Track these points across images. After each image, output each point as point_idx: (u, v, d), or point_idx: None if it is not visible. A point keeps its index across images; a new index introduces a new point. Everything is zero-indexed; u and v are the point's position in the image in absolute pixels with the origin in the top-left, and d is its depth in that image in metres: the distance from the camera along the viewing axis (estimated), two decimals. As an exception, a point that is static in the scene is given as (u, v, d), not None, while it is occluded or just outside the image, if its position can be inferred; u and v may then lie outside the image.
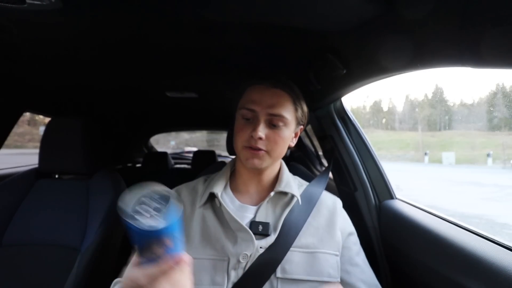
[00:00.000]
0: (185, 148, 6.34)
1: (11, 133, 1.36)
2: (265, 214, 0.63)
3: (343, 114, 1.09)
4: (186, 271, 0.38)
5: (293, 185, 0.67)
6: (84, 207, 1.03)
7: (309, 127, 1.43)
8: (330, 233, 0.63)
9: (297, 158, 1.79)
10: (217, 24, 0.67)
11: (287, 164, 0.75)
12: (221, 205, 0.61)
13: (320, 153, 1.60)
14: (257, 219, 0.61)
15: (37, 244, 0.97)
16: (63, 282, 0.90)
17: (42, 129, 1.14)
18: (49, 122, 1.09)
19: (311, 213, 0.65)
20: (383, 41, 0.59)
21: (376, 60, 0.65)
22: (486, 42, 0.39)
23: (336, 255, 0.61)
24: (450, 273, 0.61)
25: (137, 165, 2.63)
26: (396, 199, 0.97)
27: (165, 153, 2.38)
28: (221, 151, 3.19)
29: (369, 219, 0.96)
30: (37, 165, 1.09)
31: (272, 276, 0.57)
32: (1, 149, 1.32)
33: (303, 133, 1.71)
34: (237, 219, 0.59)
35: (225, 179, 0.67)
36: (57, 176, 1.14)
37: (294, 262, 0.58)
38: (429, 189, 7.53)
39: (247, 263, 0.57)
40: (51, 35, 0.74)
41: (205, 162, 2.20)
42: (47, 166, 1.08)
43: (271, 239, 0.59)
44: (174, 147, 7.11)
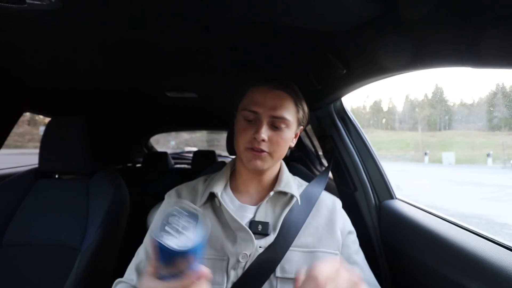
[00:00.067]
0: (185, 148, 6.34)
1: (11, 133, 1.36)
2: (265, 213, 0.63)
3: (343, 114, 1.09)
4: (205, 285, 0.39)
5: (293, 185, 0.67)
6: (84, 207, 1.03)
7: (309, 127, 1.43)
8: (329, 232, 0.63)
9: (297, 158, 1.79)
10: (217, 24, 0.67)
11: (287, 164, 0.75)
12: (221, 204, 0.61)
13: (320, 153, 1.60)
14: (257, 219, 0.61)
15: (37, 244, 0.97)
16: (63, 282, 0.90)
17: (42, 129, 1.14)
18: (49, 122, 1.09)
19: (310, 212, 0.65)
20: (383, 41, 0.59)
21: (376, 60, 0.65)
22: (486, 42, 0.39)
23: (335, 254, 0.61)
24: (450, 273, 0.61)
25: (137, 165, 2.62)
26: (396, 199, 0.97)
27: (165, 153, 2.38)
28: (221, 151, 3.19)
29: (369, 219, 0.96)
30: (37, 165, 1.09)
31: (271, 275, 0.57)
32: (1, 149, 1.32)
33: (303, 133, 1.71)
34: (236, 218, 0.59)
35: (225, 179, 0.68)
36: (57, 176, 1.14)
37: (293, 261, 0.58)
38: (429, 189, 7.54)
39: (246, 263, 0.57)
40: (51, 35, 0.74)
41: (205, 162, 2.20)
42: (47, 166, 1.08)
43: (270, 239, 0.59)
44: (174, 147, 7.11)
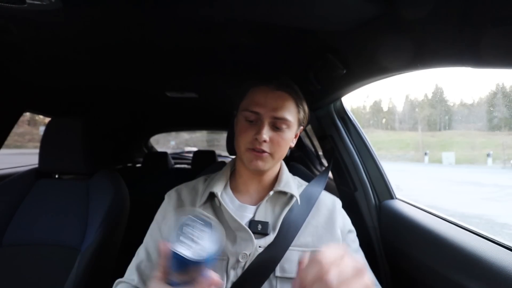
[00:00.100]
0: (185, 148, 6.34)
1: (11, 133, 1.36)
2: (264, 213, 0.63)
3: (343, 114, 1.09)
4: None
5: (292, 185, 0.67)
6: (84, 207, 1.03)
7: (309, 127, 1.43)
8: (329, 231, 0.63)
9: (297, 158, 1.79)
10: (217, 24, 0.67)
11: (287, 164, 0.75)
12: (220, 204, 0.61)
13: (320, 153, 1.60)
14: (256, 218, 0.61)
15: (37, 244, 0.97)
16: (63, 282, 0.90)
17: (42, 129, 1.14)
18: (49, 122, 1.09)
19: (310, 212, 0.65)
20: (383, 41, 0.59)
21: (376, 60, 0.65)
22: (486, 42, 0.39)
23: None
24: (450, 273, 0.61)
25: (137, 165, 2.62)
26: (396, 199, 0.97)
27: (165, 153, 2.38)
28: (221, 151, 3.19)
29: (369, 219, 0.96)
30: (37, 165, 1.09)
31: (271, 275, 0.57)
32: (1, 149, 1.32)
33: (303, 133, 1.71)
34: (236, 218, 0.59)
35: (225, 178, 0.68)
36: (57, 176, 1.14)
37: (293, 261, 0.58)
38: (429, 189, 7.54)
39: (246, 263, 0.57)
40: (51, 35, 0.74)
41: (205, 162, 2.20)
42: (47, 166, 1.08)
43: (270, 238, 0.59)
44: (174, 147, 7.11)
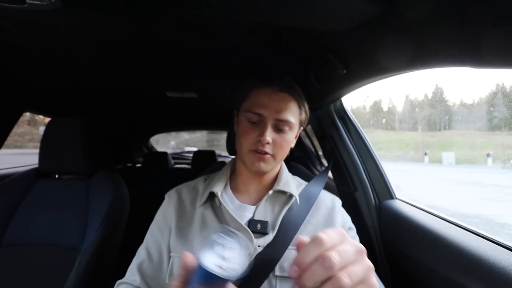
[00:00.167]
0: (185, 148, 6.34)
1: (11, 133, 1.36)
2: (264, 212, 0.63)
3: (343, 114, 1.09)
4: None
5: (292, 184, 0.67)
6: (84, 207, 1.03)
7: (309, 127, 1.43)
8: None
9: (297, 158, 1.79)
10: (217, 24, 0.67)
11: (287, 164, 0.75)
12: (221, 204, 0.61)
13: (320, 153, 1.60)
14: (256, 218, 0.61)
15: (37, 244, 0.97)
16: (63, 282, 0.90)
17: (42, 129, 1.14)
18: (49, 122, 1.09)
19: (309, 211, 0.65)
20: (383, 41, 0.59)
21: (376, 60, 0.65)
22: (486, 42, 0.39)
23: None
24: (450, 273, 0.61)
25: (137, 165, 2.62)
26: (396, 199, 0.97)
27: (165, 153, 2.38)
28: (221, 151, 3.19)
29: (369, 219, 0.96)
30: (37, 165, 1.09)
31: (270, 274, 0.57)
32: (1, 149, 1.32)
33: (303, 133, 1.71)
34: (236, 218, 0.59)
35: (225, 178, 0.68)
36: (57, 176, 1.14)
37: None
38: (429, 189, 7.54)
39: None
40: (51, 35, 0.74)
41: (205, 162, 2.20)
42: (47, 166, 1.08)
43: (269, 238, 0.59)
44: (174, 147, 7.11)
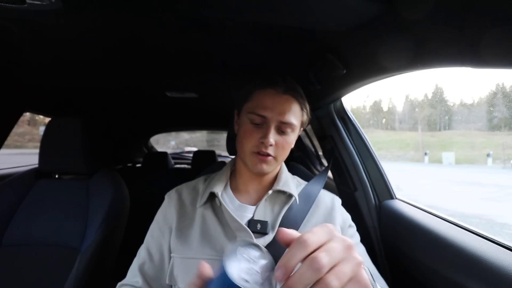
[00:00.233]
0: (185, 148, 6.34)
1: (11, 133, 1.36)
2: (264, 212, 0.63)
3: (343, 114, 1.09)
4: None
5: (291, 184, 0.67)
6: (84, 207, 1.03)
7: (309, 127, 1.43)
8: None
9: (297, 158, 1.79)
10: (217, 24, 0.67)
11: (287, 164, 0.75)
12: (221, 204, 0.61)
13: (320, 153, 1.60)
14: (256, 218, 0.61)
15: (37, 244, 0.97)
16: (63, 282, 0.90)
17: (42, 129, 1.14)
18: (49, 122, 1.09)
19: (309, 211, 0.65)
20: (383, 41, 0.59)
21: (376, 60, 0.65)
22: (486, 42, 0.39)
23: None
24: (450, 273, 0.61)
25: (137, 165, 2.62)
26: (396, 199, 0.97)
27: (165, 153, 2.38)
28: (221, 151, 3.19)
29: (369, 219, 0.96)
30: (37, 165, 1.09)
31: None
32: (1, 149, 1.32)
33: (303, 133, 1.71)
34: (237, 218, 0.59)
35: (225, 178, 0.68)
36: (57, 176, 1.14)
37: None
38: (429, 189, 7.54)
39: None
40: (51, 35, 0.73)
41: (205, 162, 2.20)
42: (47, 166, 1.08)
43: (269, 238, 0.59)
44: (174, 147, 7.11)
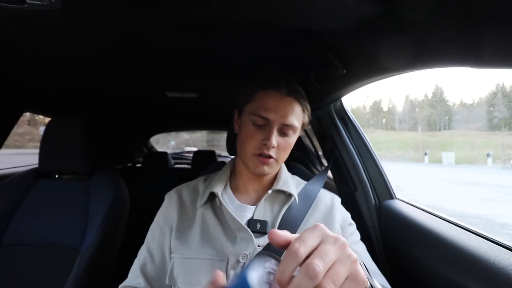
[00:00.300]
0: (185, 148, 6.34)
1: (11, 133, 1.36)
2: (263, 212, 0.63)
3: (343, 114, 1.09)
4: None
5: (291, 183, 0.67)
6: (84, 207, 1.03)
7: (309, 127, 1.43)
8: (328, 228, 0.63)
9: (297, 158, 1.79)
10: (217, 24, 0.67)
11: (287, 164, 0.75)
12: (221, 204, 0.61)
13: (320, 153, 1.60)
14: (255, 217, 0.61)
15: (37, 244, 0.97)
16: (63, 282, 0.90)
17: (42, 129, 1.14)
18: (49, 122, 1.09)
19: (309, 210, 0.65)
20: (383, 41, 0.59)
21: (376, 60, 0.65)
22: (486, 42, 0.39)
23: None
24: (450, 273, 0.61)
25: (137, 165, 2.62)
26: (396, 199, 0.97)
27: (165, 153, 2.38)
28: (221, 151, 3.19)
29: (369, 219, 0.96)
30: (37, 165, 1.09)
31: None
32: (1, 149, 1.32)
33: (303, 133, 1.71)
34: (237, 218, 0.59)
35: (225, 178, 0.68)
36: (57, 176, 1.14)
37: None
38: (429, 189, 7.54)
39: (245, 263, 0.57)
40: (51, 35, 0.73)
41: (205, 162, 2.20)
42: (47, 166, 1.08)
43: None
44: (174, 147, 7.11)
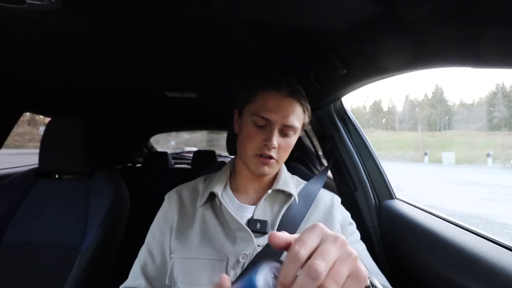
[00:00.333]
0: (185, 148, 6.34)
1: (11, 133, 1.36)
2: (263, 212, 0.63)
3: (343, 114, 1.09)
4: None
5: (291, 183, 0.67)
6: (84, 207, 1.03)
7: (309, 127, 1.43)
8: (328, 228, 0.63)
9: (297, 158, 1.79)
10: (217, 24, 0.67)
11: (286, 164, 0.75)
12: (221, 204, 0.61)
13: (320, 153, 1.60)
14: (255, 217, 0.61)
15: (37, 244, 0.97)
16: (63, 282, 0.90)
17: (42, 129, 1.14)
18: (49, 122, 1.09)
19: (309, 210, 0.65)
20: (383, 41, 0.59)
21: (376, 60, 0.65)
22: (486, 42, 0.39)
23: None
24: (450, 273, 0.61)
25: (137, 165, 2.62)
26: (396, 199, 0.97)
27: (165, 153, 2.38)
28: (221, 151, 3.19)
29: (369, 219, 0.96)
30: (37, 165, 1.09)
31: None
32: (1, 149, 1.32)
33: (303, 133, 1.71)
34: (237, 218, 0.59)
35: (225, 178, 0.68)
36: (57, 176, 1.14)
37: None
38: (429, 189, 7.54)
39: (245, 262, 0.57)
40: (51, 35, 0.73)
41: (205, 162, 2.20)
42: (47, 166, 1.08)
43: None
44: (174, 147, 7.11)
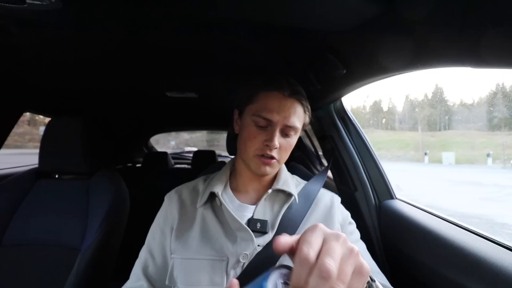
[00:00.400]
0: (185, 148, 6.34)
1: (11, 133, 1.36)
2: (263, 211, 0.63)
3: (343, 114, 1.09)
4: None
5: (291, 183, 0.67)
6: (84, 207, 1.03)
7: (309, 127, 1.43)
8: (328, 227, 0.63)
9: (297, 158, 1.79)
10: (217, 24, 0.67)
11: (286, 164, 0.75)
12: (221, 204, 0.61)
13: (320, 153, 1.60)
14: (255, 217, 0.61)
15: (37, 244, 0.97)
16: (63, 282, 0.90)
17: (42, 129, 1.14)
18: (49, 122, 1.09)
19: (309, 209, 0.65)
20: (383, 41, 0.59)
21: (376, 60, 0.65)
22: (486, 42, 0.39)
23: None
24: (450, 273, 0.61)
25: (137, 165, 2.62)
26: (396, 199, 0.97)
27: (165, 153, 2.38)
28: (221, 151, 3.18)
29: (369, 219, 0.96)
30: (37, 165, 1.09)
31: None
32: (1, 149, 1.32)
33: (303, 133, 1.71)
34: (237, 218, 0.59)
35: (225, 178, 0.68)
36: (57, 176, 1.14)
37: None
38: (429, 189, 7.54)
39: (245, 262, 0.57)
40: (51, 36, 0.73)
41: (205, 162, 2.20)
42: (47, 166, 1.08)
43: (269, 237, 0.59)
44: (174, 147, 7.11)
